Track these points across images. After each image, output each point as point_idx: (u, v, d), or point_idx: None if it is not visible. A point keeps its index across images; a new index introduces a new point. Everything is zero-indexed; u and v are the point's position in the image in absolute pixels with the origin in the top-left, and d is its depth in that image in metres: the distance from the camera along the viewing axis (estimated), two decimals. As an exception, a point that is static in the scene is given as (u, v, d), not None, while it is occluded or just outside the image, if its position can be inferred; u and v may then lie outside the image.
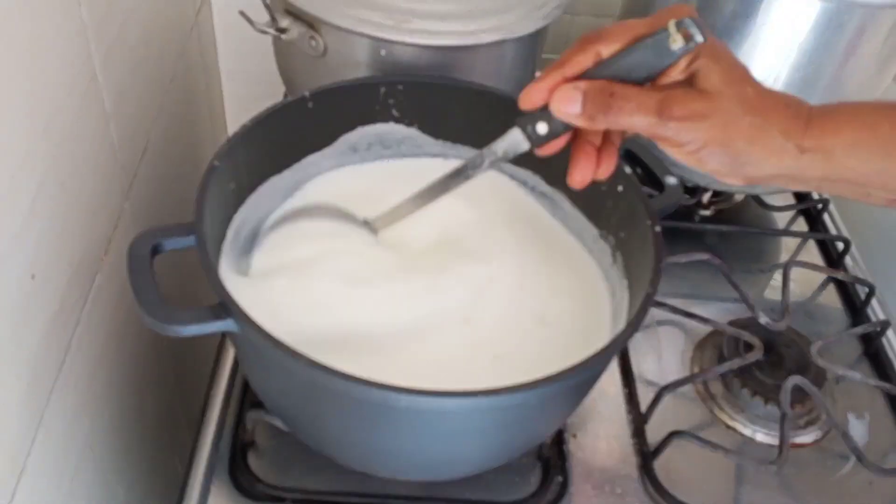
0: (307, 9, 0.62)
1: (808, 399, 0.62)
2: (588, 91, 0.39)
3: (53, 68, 0.49)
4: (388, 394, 0.39)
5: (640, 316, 0.45)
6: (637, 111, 0.39)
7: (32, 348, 0.49)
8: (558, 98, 0.40)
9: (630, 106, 0.39)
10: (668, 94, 0.39)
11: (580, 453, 0.58)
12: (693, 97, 0.39)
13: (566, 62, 0.40)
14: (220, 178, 0.50)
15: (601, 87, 0.39)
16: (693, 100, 0.39)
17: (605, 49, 0.39)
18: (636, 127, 0.39)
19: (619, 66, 0.39)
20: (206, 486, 0.54)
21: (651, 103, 0.38)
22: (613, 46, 0.39)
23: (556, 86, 0.40)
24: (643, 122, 0.39)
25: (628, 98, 0.39)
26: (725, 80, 0.39)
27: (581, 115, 0.40)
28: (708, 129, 0.39)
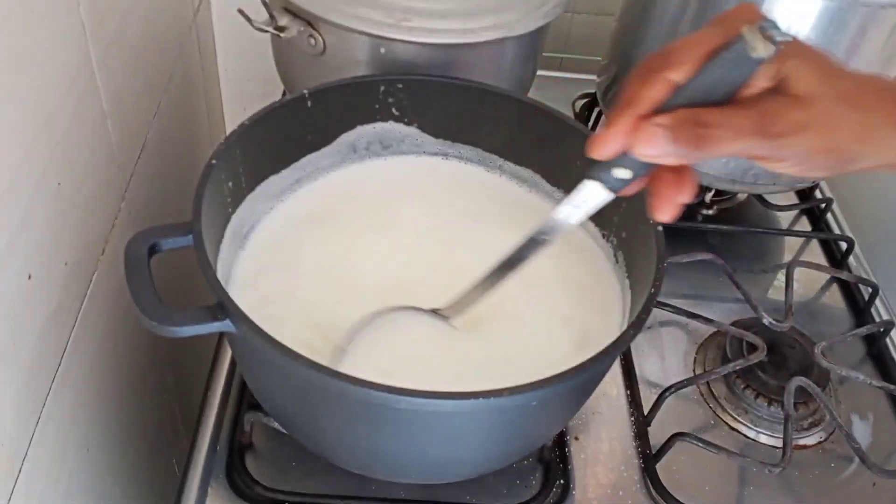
0: (306, 7, 0.61)
1: (812, 400, 0.62)
2: (674, 126, 0.34)
3: (51, 67, 0.49)
4: (387, 395, 0.38)
5: (643, 317, 0.44)
6: (735, 138, 0.34)
7: (29, 348, 0.49)
8: (643, 141, 0.35)
9: (726, 134, 0.34)
10: (763, 111, 0.34)
11: (582, 456, 0.58)
12: (790, 106, 0.34)
13: (636, 99, 0.35)
14: (218, 178, 0.50)
15: (687, 118, 0.34)
16: (791, 109, 0.34)
17: (677, 74, 0.34)
18: (735, 152, 0.35)
19: (697, 89, 0.34)
20: (204, 489, 0.54)
21: (747, 125, 0.34)
22: (686, 69, 0.34)
23: (633, 128, 0.35)
24: (743, 147, 0.34)
25: (721, 125, 0.34)
26: (819, 79, 0.34)
27: (672, 155, 0.35)
28: (812, 138, 0.34)
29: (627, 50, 0.76)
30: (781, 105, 0.34)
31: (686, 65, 0.34)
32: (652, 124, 0.35)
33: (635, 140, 0.35)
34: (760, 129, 0.34)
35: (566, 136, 0.58)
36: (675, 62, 0.34)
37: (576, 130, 0.57)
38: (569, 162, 0.59)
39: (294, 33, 0.63)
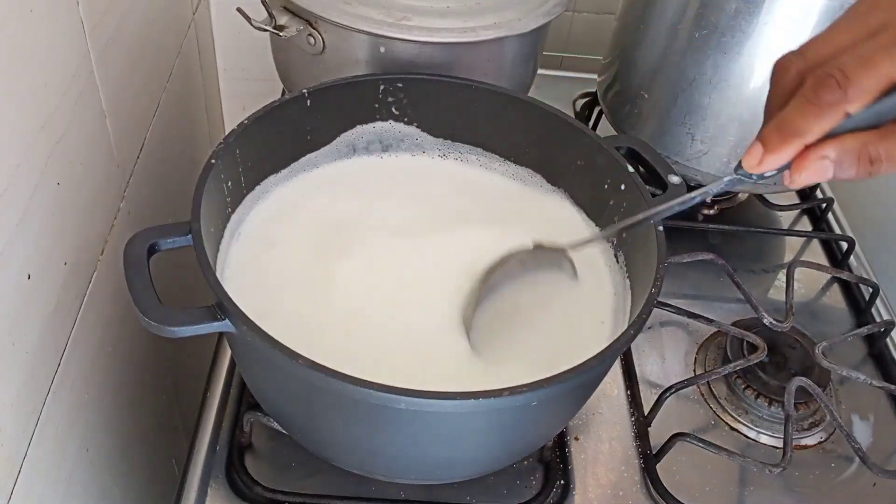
0: (305, 6, 0.61)
1: (812, 400, 0.62)
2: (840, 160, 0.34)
3: (50, 66, 0.49)
4: (387, 395, 0.38)
5: (643, 317, 0.44)
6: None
7: (28, 348, 0.48)
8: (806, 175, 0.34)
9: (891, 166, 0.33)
10: None
11: (582, 456, 0.58)
12: None
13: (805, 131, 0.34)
14: (217, 177, 0.49)
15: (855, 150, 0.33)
16: None
17: (854, 106, 0.33)
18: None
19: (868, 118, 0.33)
20: (203, 489, 0.53)
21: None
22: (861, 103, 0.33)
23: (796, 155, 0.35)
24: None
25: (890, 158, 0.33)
26: None
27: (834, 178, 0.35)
28: None
29: (628, 49, 0.76)
30: None
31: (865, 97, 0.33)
32: (819, 157, 0.34)
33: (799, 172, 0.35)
34: None
35: (566, 136, 0.57)
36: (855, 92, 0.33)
37: (576, 130, 0.57)
38: (569, 161, 0.59)
39: (293, 32, 0.63)
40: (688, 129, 0.71)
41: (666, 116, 0.72)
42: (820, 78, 0.33)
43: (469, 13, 0.63)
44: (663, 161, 0.56)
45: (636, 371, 0.64)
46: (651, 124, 0.73)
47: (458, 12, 0.63)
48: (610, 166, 0.55)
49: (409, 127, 0.61)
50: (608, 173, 0.55)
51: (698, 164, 0.72)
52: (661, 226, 0.49)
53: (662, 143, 0.72)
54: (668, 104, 0.71)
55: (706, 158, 0.71)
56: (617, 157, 0.54)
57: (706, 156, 0.71)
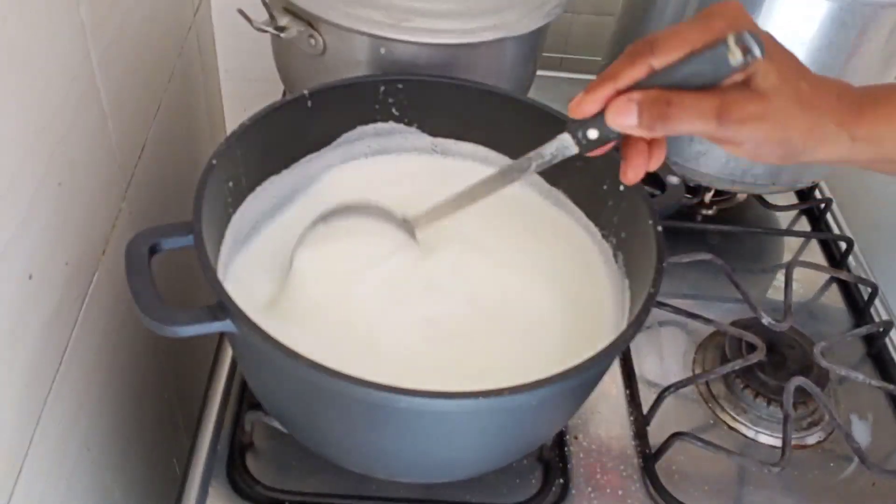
0: (306, 7, 0.61)
1: (811, 400, 0.62)
2: (643, 102, 0.39)
3: (52, 67, 0.49)
4: (387, 395, 0.38)
5: (642, 317, 0.44)
6: (696, 118, 0.38)
7: (30, 348, 0.49)
8: (614, 111, 0.40)
9: (688, 114, 0.38)
10: (725, 100, 0.38)
11: (581, 455, 0.58)
12: (750, 99, 0.39)
13: (618, 74, 0.40)
14: (218, 177, 0.50)
15: (656, 96, 0.39)
16: (750, 102, 0.39)
17: (658, 62, 0.39)
18: (695, 132, 0.39)
19: (674, 77, 0.39)
20: (204, 488, 0.54)
21: (709, 109, 0.38)
22: (667, 59, 0.39)
23: (609, 98, 0.40)
24: (702, 127, 0.39)
25: (685, 106, 0.38)
26: (781, 79, 0.39)
27: (638, 126, 0.39)
28: (766, 128, 0.39)
29: (627, 50, 0.76)
30: (742, 97, 0.39)
31: (668, 55, 0.38)
32: (625, 99, 0.39)
33: (609, 109, 0.40)
34: (718, 115, 0.38)
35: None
36: (658, 50, 0.39)
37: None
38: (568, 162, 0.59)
39: (294, 33, 0.63)
40: (687, 130, 0.71)
41: (665, 117, 0.72)
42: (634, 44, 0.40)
43: (469, 14, 0.63)
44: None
45: (635, 370, 0.64)
46: (650, 125, 0.74)
47: (458, 13, 0.63)
48: (609, 167, 0.55)
49: (410, 127, 0.62)
50: (607, 174, 0.55)
51: (697, 164, 0.72)
52: (660, 226, 0.49)
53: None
54: (668, 105, 0.71)
55: (705, 159, 0.71)
56: (616, 158, 0.54)
57: (705, 156, 0.71)
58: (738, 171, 0.71)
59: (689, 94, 0.38)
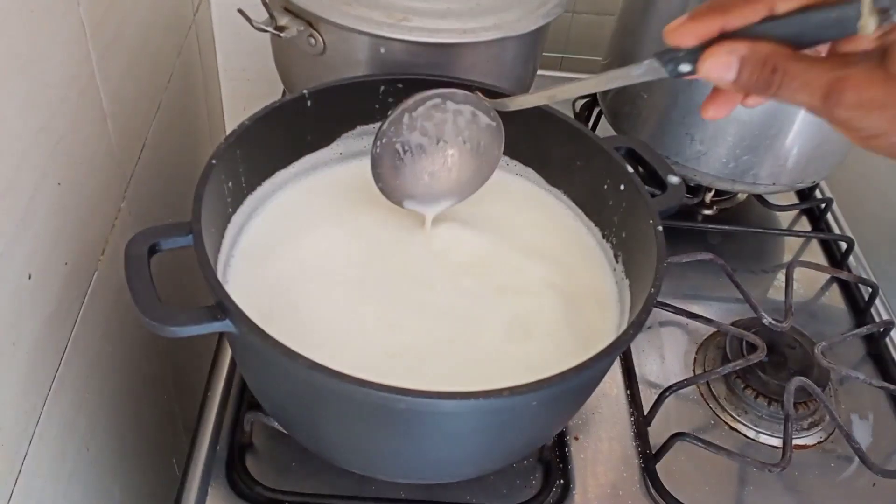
0: (306, 7, 0.61)
1: (812, 400, 0.62)
2: (747, 60, 0.34)
3: (51, 67, 0.49)
4: (386, 395, 0.38)
5: (643, 317, 0.44)
6: (801, 91, 0.33)
7: (29, 348, 0.49)
8: (711, 62, 0.35)
9: (794, 85, 0.33)
10: (841, 77, 0.33)
11: (582, 455, 0.58)
12: (874, 82, 0.32)
13: (731, 9, 0.34)
14: (218, 177, 0.49)
15: (764, 58, 0.34)
16: (872, 85, 0.32)
17: (782, 5, 0.34)
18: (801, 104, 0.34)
19: (791, 28, 0.33)
20: (204, 489, 0.53)
21: (819, 84, 0.33)
22: (791, 4, 0.33)
23: (712, 34, 0.35)
24: (808, 101, 0.34)
25: (792, 76, 0.33)
26: None
27: (734, 84, 0.35)
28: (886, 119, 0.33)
29: (627, 50, 0.76)
30: (865, 77, 0.33)
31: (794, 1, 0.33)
32: (727, 51, 0.34)
33: (706, 56, 0.35)
34: (830, 95, 0.33)
35: (566, 136, 0.57)
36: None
37: (576, 130, 0.57)
38: (568, 162, 0.59)
39: (294, 33, 0.63)
40: (687, 130, 0.71)
41: (665, 117, 0.72)
42: None
43: (469, 14, 0.63)
44: (663, 161, 0.56)
45: (636, 371, 0.64)
46: (650, 125, 0.74)
47: (458, 13, 0.63)
48: (609, 167, 0.55)
49: (410, 127, 0.61)
50: (608, 173, 0.55)
51: (697, 164, 0.72)
52: (661, 226, 0.49)
53: (662, 143, 0.73)
54: (668, 105, 0.71)
55: (705, 159, 0.71)
56: (616, 158, 0.54)
57: (705, 156, 0.71)
58: (739, 171, 0.71)
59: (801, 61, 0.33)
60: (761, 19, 0.34)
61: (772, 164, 0.71)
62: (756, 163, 0.70)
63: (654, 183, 0.55)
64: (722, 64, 0.35)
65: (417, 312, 0.52)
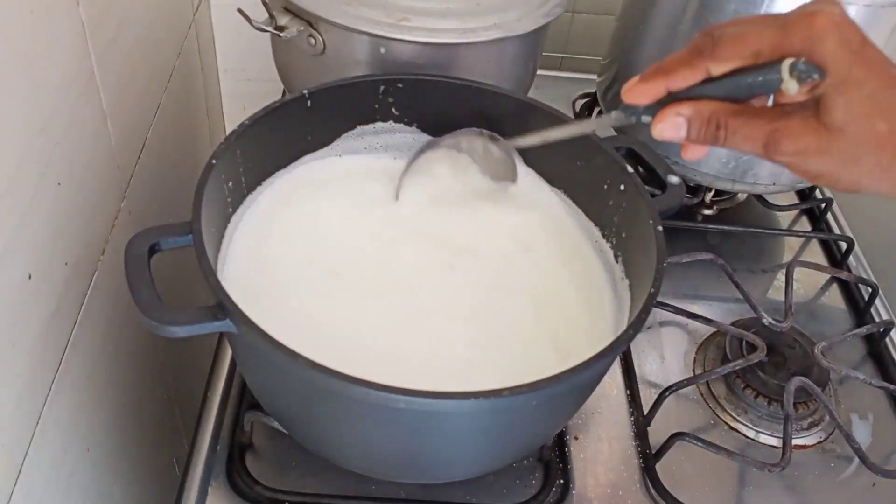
0: (306, 6, 0.61)
1: (812, 400, 0.62)
2: (693, 119, 0.38)
3: (51, 67, 0.49)
4: (386, 395, 0.38)
5: (643, 317, 0.44)
6: (744, 142, 0.37)
7: (29, 348, 0.49)
8: (661, 124, 0.39)
9: (737, 138, 0.37)
10: (778, 128, 0.36)
11: (582, 455, 0.58)
12: (807, 130, 0.35)
13: (672, 72, 0.38)
14: (218, 177, 0.49)
15: (707, 116, 0.38)
16: (806, 134, 0.35)
17: (716, 68, 0.37)
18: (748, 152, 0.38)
19: (728, 88, 0.37)
20: (204, 488, 0.54)
21: (758, 136, 0.36)
22: (725, 66, 0.37)
23: (661, 94, 0.39)
24: (753, 150, 0.37)
25: (734, 130, 0.37)
26: (851, 115, 0.34)
27: (685, 139, 0.39)
28: (824, 163, 0.35)
29: (627, 50, 0.76)
30: (801, 126, 0.35)
31: (728, 62, 0.37)
32: (675, 113, 0.39)
33: (656, 120, 0.39)
34: (768, 145, 0.36)
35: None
36: (719, 56, 0.37)
37: (576, 130, 0.57)
38: (568, 162, 0.59)
39: (294, 33, 0.63)
40: (687, 130, 0.71)
41: (665, 117, 0.72)
42: (703, 37, 0.38)
43: (469, 14, 0.63)
44: (662, 161, 0.56)
45: (636, 371, 0.64)
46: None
47: (458, 13, 0.63)
48: (609, 166, 0.55)
49: (410, 127, 0.61)
50: (607, 173, 0.55)
51: (697, 164, 0.72)
52: (661, 226, 0.49)
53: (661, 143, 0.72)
54: (668, 105, 0.71)
55: (705, 159, 0.71)
56: (616, 158, 0.54)
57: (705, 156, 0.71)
58: (739, 171, 0.71)
59: (741, 115, 0.37)
60: (701, 80, 0.38)
61: (772, 163, 0.70)
62: (756, 162, 0.70)
63: (654, 183, 0.55)
64: (671, 125, 0.39)
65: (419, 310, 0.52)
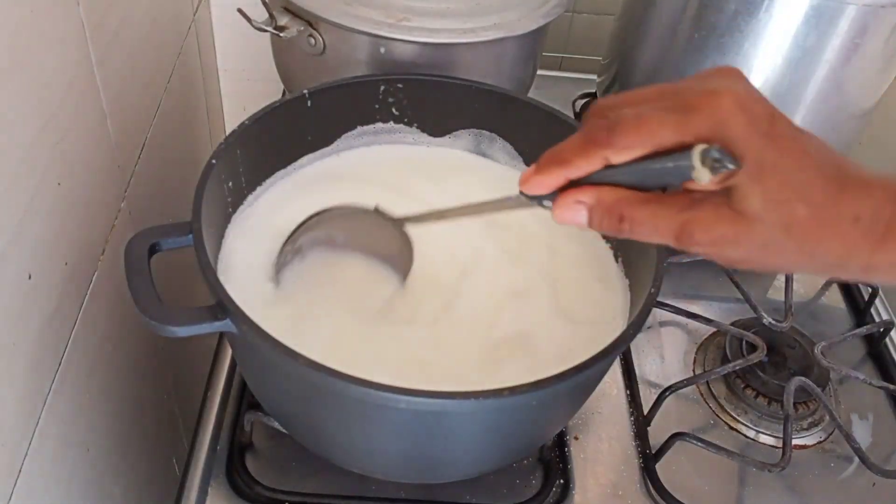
0: (306, 6, 0.61)
1: (812, 400, 0.62)
2: (594, 209, 0.34)
3: (51, 67, 0.49)
4: (387, 395, 0.38)
5: (643, 317, 0.44)
6: (652, 235, 0.34)
7: (29, 348, 0.49)
8: (560, 212, 0.35)
9: (643, 230, 0.34)
10: (689, 219, 0.32)
11: (582, 455, 0.58)
12: (721, 219, 0.32)
13: (569, 161, 0.34)
14: (218, 177, 0.50)
15: (609, 206, 0.34)
16: (720, 223, 0.32)
17: (616, 157, 0.33)
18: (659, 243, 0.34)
19: (633, 176, 0.34)
20: (204, 489, 0.54)
21: (668, 228, 0.33)
22: (625, 156, 0.33)
23: (560, 184, 0.35)
24: (662, 242, 0.34)
25: (640, 222, 0.33)
26: (768, 203, 0.31)
27: (590, 227, 0.35)
28: (742, 251, 0.33)
29: (627, 50, 0.76)
30: (713, 215, 0.32)
31: (627, 151, 0.33)
32: (574, 200, 0.35)
33: (556, 205, 0.36)
34: (680, 236, 0.33)
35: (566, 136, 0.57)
36: (618, 143, 0.33)
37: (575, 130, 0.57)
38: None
39: (294, 33, 0.63)
40: (687, 130, 0.71)
41: (665, 117, 0.72)
42: (598, 121, 0.34)
43: (469, 14, 0.63)
44: (663, 161, 0.56)
45: (636, 371, 0.64)
46: (650, 125, 0.73)
47: (458, 13, 0.63)
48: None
49: (410, 127, 0.62)
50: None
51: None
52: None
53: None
54: (668, 105, 0.71)
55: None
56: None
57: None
58: (739, 170, 0.71)
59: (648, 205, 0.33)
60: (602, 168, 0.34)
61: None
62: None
63: (654, 183, 0.55)
64: (571, 212, 0.35)
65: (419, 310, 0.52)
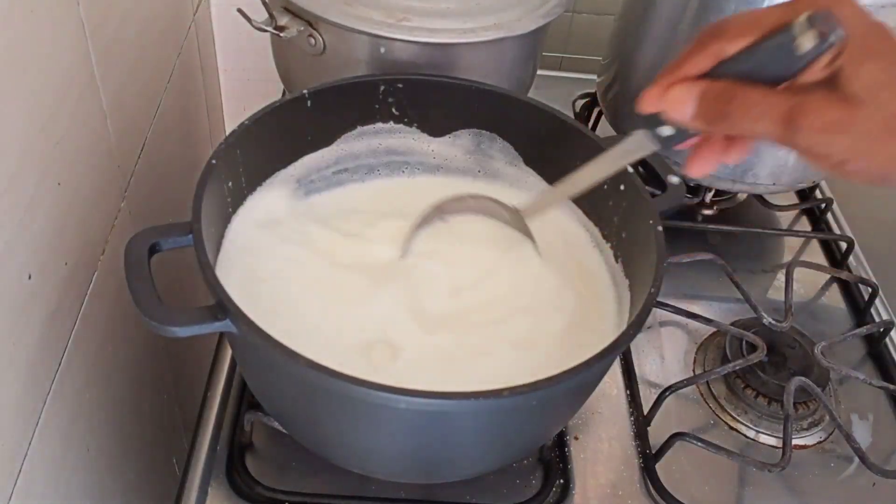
0: (306, 6, 0.61)
1: (812, 400, 0.62)
2: (704, 94, 0.34)
3: (51, 67, 0.49)
4: (387, 395, 0.38)
5: (643, 317, 0.44)
6: (761, 118, 0.33)
7: (29, 348, 0.49)
8: (670, 101, 0.35)
9: (753, 112, 0.33)
10: (800, 101, 0.32)
11: (582, 455, 0.58)
12: (831, 103, 0.32)
13: (684, 62, 0.35)
14: (218, 177, 0.49)
15: (720, 90, 0.34)
16: (831, 107, 0.32)
17: (728, 47, 0.34)
18: (763, 135, 0.34)
19: (743, 66, 0.34)
20: (204, 489, 0.54)
21: (778, 110, 0.32)
22: (737, 44, 0.34)
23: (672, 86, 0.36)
24: (769, 130, 0.33)
25: (751, 104, 0.33)
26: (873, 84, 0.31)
27: (695, 120, 0.35)
28: (850, 142, 0.32)
29: (627, 50, 0.76)
30: (823, 100, 0.32)
31: (738, 40, 0.34)
32: (684, 87, 0.35)
33: (665, 98, 0.36)
34: (789, 119, 0.32)
35: (566, 136, 0.58)
36: (728, 34, 0.34)
37: (576, 130, 0.57)
38: (568, 162, 0.59)
39: (294, 33, 0.63)
40: (687, 130, 0.71)
41: (665, 117, 0.72)
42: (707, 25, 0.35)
43: (469, 14, 0.63)
44: (662, 161, 0.56)
45: (636, 371, 0.64)
46: (651, 125, 0.73)
47: (458, 13, 0.63)
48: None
49: (410, 128, 0.61)
50: (608, 174, 0.55)
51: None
52: (661, 226, 0.49)
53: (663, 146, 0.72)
54: (668, 105, 0.71)
55: (706, 159, 0.71)
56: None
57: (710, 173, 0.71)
58: (739, 171, 0.71)
59: (759, 90, 0.33)
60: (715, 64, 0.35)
61: (772, 163, 0.71)
62: (756, 162, 0.70)
63: (655, 183, 0.55)
64: (679, 99, 0.35)
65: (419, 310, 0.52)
